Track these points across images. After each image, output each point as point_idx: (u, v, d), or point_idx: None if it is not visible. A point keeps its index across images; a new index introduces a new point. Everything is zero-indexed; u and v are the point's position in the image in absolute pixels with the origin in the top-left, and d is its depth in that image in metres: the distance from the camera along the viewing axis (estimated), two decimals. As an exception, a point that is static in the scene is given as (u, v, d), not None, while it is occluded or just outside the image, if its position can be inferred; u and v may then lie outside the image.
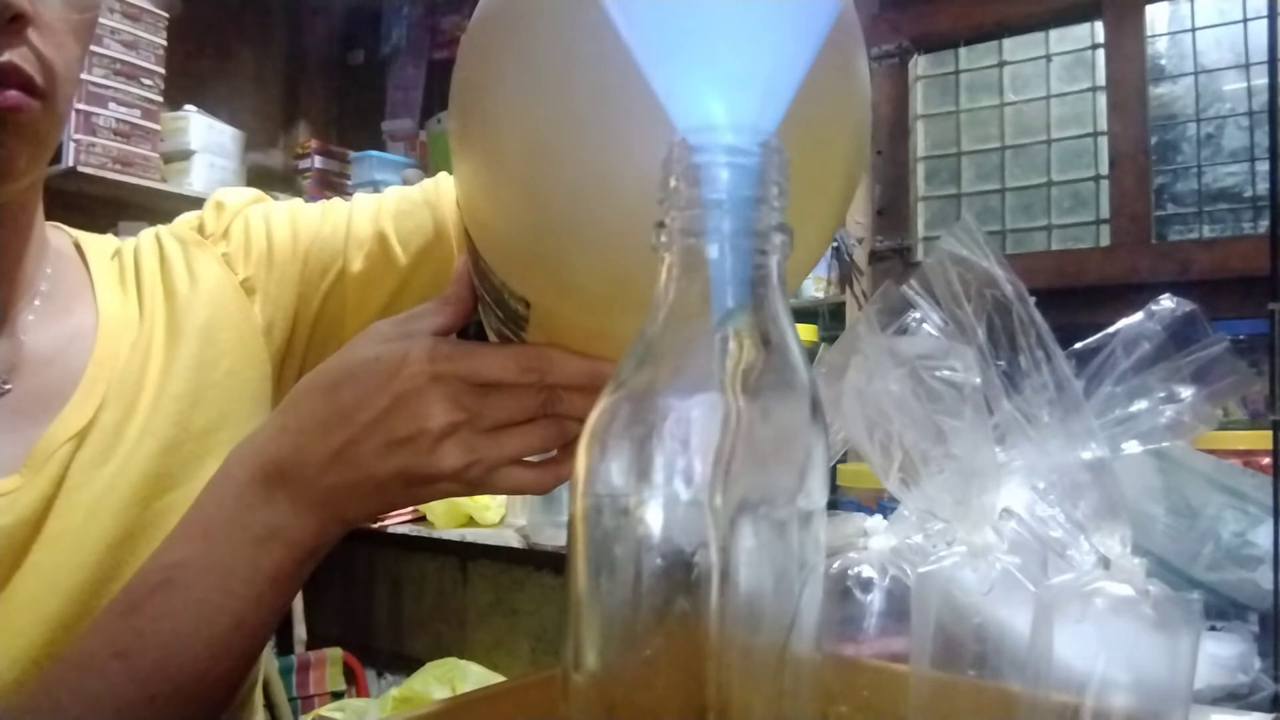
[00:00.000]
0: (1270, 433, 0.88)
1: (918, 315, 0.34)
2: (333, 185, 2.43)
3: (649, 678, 0.31)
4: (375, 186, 2.36)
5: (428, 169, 2.35)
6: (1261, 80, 1.60)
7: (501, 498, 2.10)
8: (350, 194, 2.78)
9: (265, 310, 0.58)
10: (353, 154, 2.44)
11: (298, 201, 0.63)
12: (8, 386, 0.49)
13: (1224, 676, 0.81)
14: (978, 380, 0.31)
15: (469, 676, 1.87)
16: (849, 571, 0.34)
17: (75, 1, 0.46)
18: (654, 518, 0.31)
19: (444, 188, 0.60)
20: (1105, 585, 0.28)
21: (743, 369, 0.33)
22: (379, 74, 2.61)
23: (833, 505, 0.35)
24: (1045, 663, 0.29)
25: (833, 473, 0.35)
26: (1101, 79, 1.76)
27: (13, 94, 0.43)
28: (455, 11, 2.55)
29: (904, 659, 0.33)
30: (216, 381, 0.54)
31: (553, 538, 1.89)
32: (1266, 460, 1.02)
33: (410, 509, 2.09)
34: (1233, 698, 0.79)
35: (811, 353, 1.65)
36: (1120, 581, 0.29)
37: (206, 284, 0.56)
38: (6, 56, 0.43)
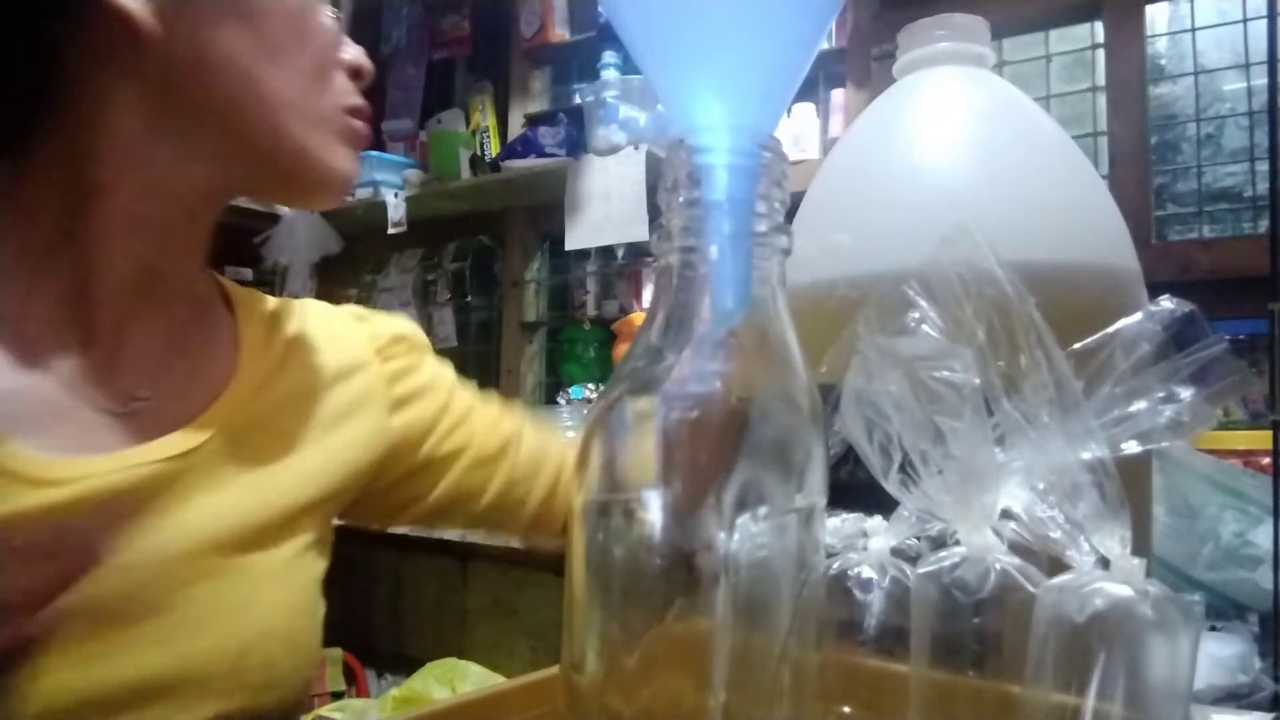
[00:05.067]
0: (1270, 433, 0.88)
1: (917, 315, 0.34)
2: (333, 185, 2.43)
3: (649, 678, 0.31)
4: (375, 186, 2.37)
5: (428, 169, 2.35)
6: (1261, 80, 1.60)
7: (501, 498, 2.10)
8: (351, 193, 2.76)
9: (397, 430, 0.65)
10: (352, 154, 2.44)
11: (442, 361, 0.72)
12: (146, 397, 0.52)
13: (1224, 676, 0.81)
14: (977, 381, 0.31)
15: (469, 676, 1.87)
16: (849, 571, 0.34)
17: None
18: (654, 518, 0.31)
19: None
20: (1105, 585, 0.29)
21: (742, 369, 0.33)
22: (379, 74, 2.61)
23: (833, 504, 0.35)
24: (1045, 663, 0.29)
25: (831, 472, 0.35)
26: (1101, 79, 1.76)
27: (367, 130, 0.59)
28: (455, 11, 2.55)
29: (904, 659, 0.33)
30: (331, 466, 0.60)
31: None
32: (1266, 460, 1.02)
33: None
34: (1233, 698, 0.79)
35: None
36: (1120, 582, 0.29)
37: (362, 384, 0.63)
38: (366, 104, 0.58)
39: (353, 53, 0.58)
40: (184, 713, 0.48)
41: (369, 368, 0.64)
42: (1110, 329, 0.33)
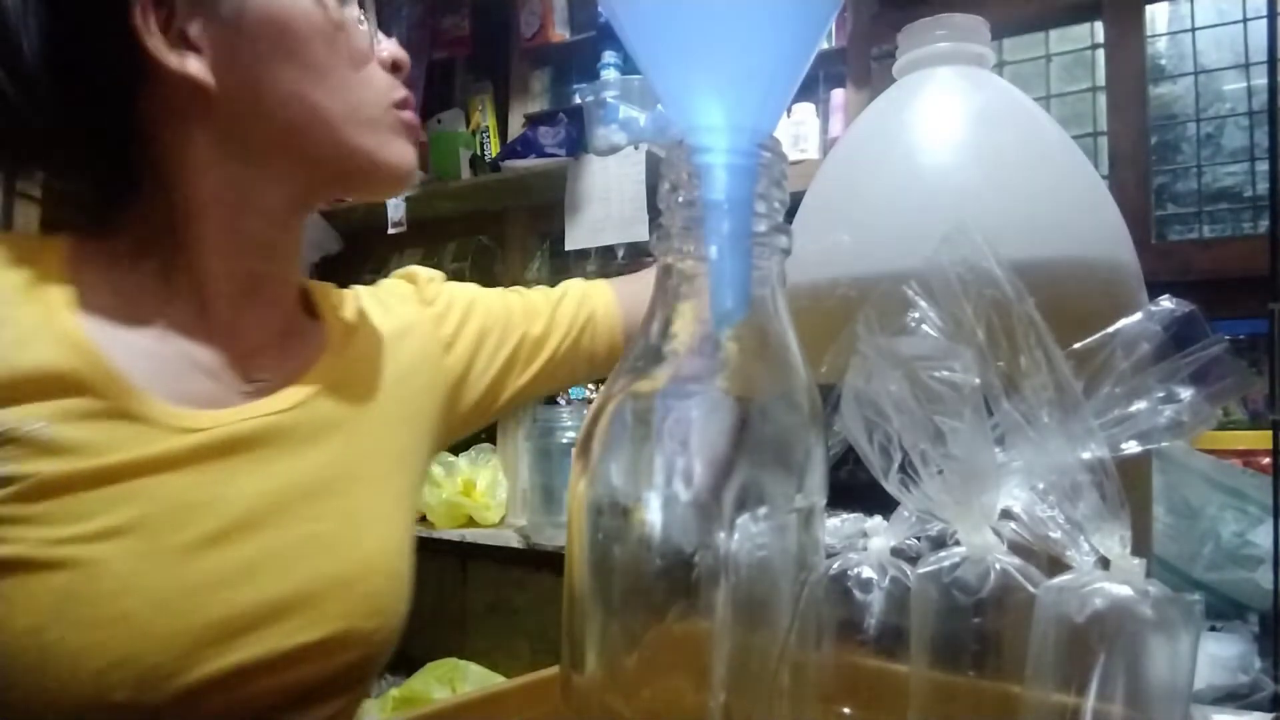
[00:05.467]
0: (1270, 433, 0.88)
1: (917, 315, 0.34)
2: (333, 185, 2.43)
3: (649, 678, 0.31)
4: (375, 186, 2.36)
5: (428, 169, 2.35)
6: (1261, 80, 1.60)
7: (501, 497, 2.10)
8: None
9: (454, 365, 0.75)
10: (353, 154, 2.44)
11: (465, 284, 0.83)
12: (266, 378, 0.62)
13: (1224, 676, 0.81)
14: (977, 381, 0.31)
15: (469, 676, 1.87)
16: (849, 571, 0.34)
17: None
18: (654, 518, 0.31)
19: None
20: (1105, 585, 0.29)
21: (742, 369, 0.33)
22: (379, 74, 2.61)
23: (833, 504, 0.35)
24: (1045, 663, 0.29)
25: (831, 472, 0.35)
26: (1101, 79, 1.76)
27: (416, 118, 0.64)
28: (455, 12, 2.55)
29: (904, 659, 0.33)
30: (410, 413, 0.70)
31: (553, 538, 1.89)
32: (1266, 460, 1.02)
33: (410, 509, 2.09)
34: (1233, 698, 0.79)
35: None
36: (1120, 582, 0.29)
37: (419, 337, 0.74)
38: (408, 93, 0.64)
39: (389, 48, 0.63)
40: (305, 632, 0.56)
41: (421, 322, 0.75)
42: (1110, 329, 0.33)
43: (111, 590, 0.50)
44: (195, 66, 0.55)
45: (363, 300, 0.74)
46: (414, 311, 0.75)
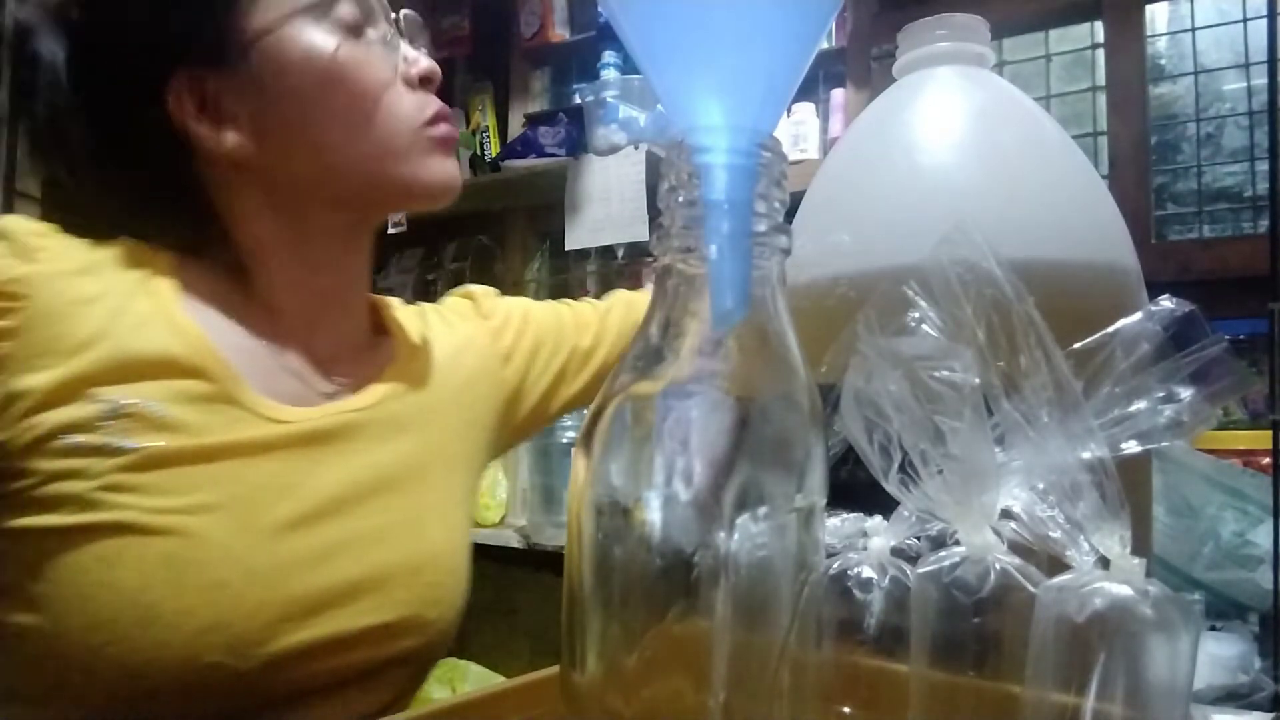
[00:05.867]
0: (1270, 433, 0.88)
1: (917, 315, 0.34)
2: (333, 185, 2.43)
3: (649, 678, 0.31)
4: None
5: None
6: (1261, 80, 1.60)
7: (501, 497, 2.10)
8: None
9: (510, 376, 0.80)
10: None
11: (518, 298, 0.89)
12: (345, 381, 0.67)
13: (1224, 676, 0.81)
14: (977, 381, 0.31)
15: (469, 676, 1.87)
16: (849, 571, 0.34)
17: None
18: (654, 518, 0.31)
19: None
20: (1105, 585, 0.29)
21: (742, 369, 0.33)
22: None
23: (833, 504, 0.35)
24: (1045, 663, 0.29)
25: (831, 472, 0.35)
26: (1101, 79, 1.76)
27: (451, 128, 0.67)
28: (455, 11, 2.55)
29: (904, 659, 0.33)
30: (470, 420, 0.75)
31: (553, 538, 1.89)
32: (1266, 460, 1.02)
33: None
34: (1233, 698, 0.79)
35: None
36: (1120, 581, 0.29)
37: (478, 350, 0.78)
38: (440, 105, 0.66)
39: (417, 63, 0.65)
40: (374, 614, 0.60)
41: (479, 335, 0.80)
42: (1110, 329, 0.33)
43: (210, 559, 0.54)
44: (232, 140, 0.61)
45: (427, 316, 0.79)
46: (473, 326, 0.80)
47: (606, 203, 1.97)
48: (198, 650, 0.52)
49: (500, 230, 2.44)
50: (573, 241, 2.03)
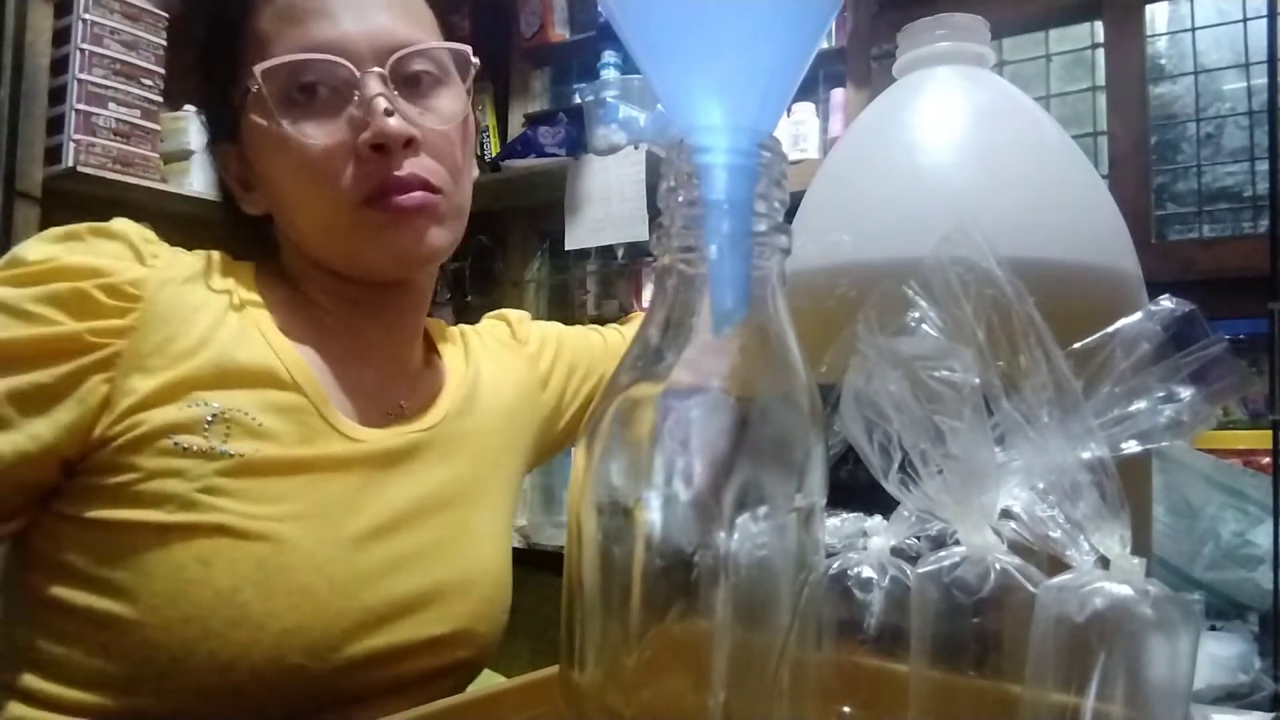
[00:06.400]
0: (1270, 433, 0.88)
1: (917, 315, 0.34)
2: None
3: (649, 678, 0.31)
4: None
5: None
6: (1261, 80, 1.60)
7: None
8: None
9: (548, 399, 0.83)
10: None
11: (550, 323, 0.91)
12: (405, 405, 0.69)
13: (1224, 676, 0.81)
14: (977, 380, 0.31)
15: (469, 676, 1.87)
16: (849, 571, 0.34)
17: (446, 118, 0.66)
18: (654, 518, 0.31)
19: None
20: (1105, 585, 0.28)
21: (742, 369, 0.33)
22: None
23: (833, 504, 0.35)
24: (1045, 663, 0.29)
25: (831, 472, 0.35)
26: (1101, 79, 1.76)
27: (419, 194, 0.63)
28: (455, 11, 2.54)
29: (904, 659, 0.33)
30: (514, 441, 0.77)
31: (553, 538, 1.89)
32: (1266, 460, 1.02)
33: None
34: (1233, 698, 0.79)
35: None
36: (1120, 582, 0.29)
37: (518, 374, 0.81)
38: (408, 169, 0.62)
39: (365, 132, 0.61)
40: (432, 626, 0.62)
41: (519, 360, 0.82)
42: (1110, 329, 0.33)
43: (297, 565, 0.56)
44: (250, 201, 0.68)
45: (469, 339, 0.81)
46: (512, 353, 0.83)
47: (606, 203, 1.97)
48: (282, 651, 0.54)
49: (500, 230, 2.44)
50: (573, 241, 2.03)
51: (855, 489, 0.36)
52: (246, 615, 0.54)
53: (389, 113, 0.61)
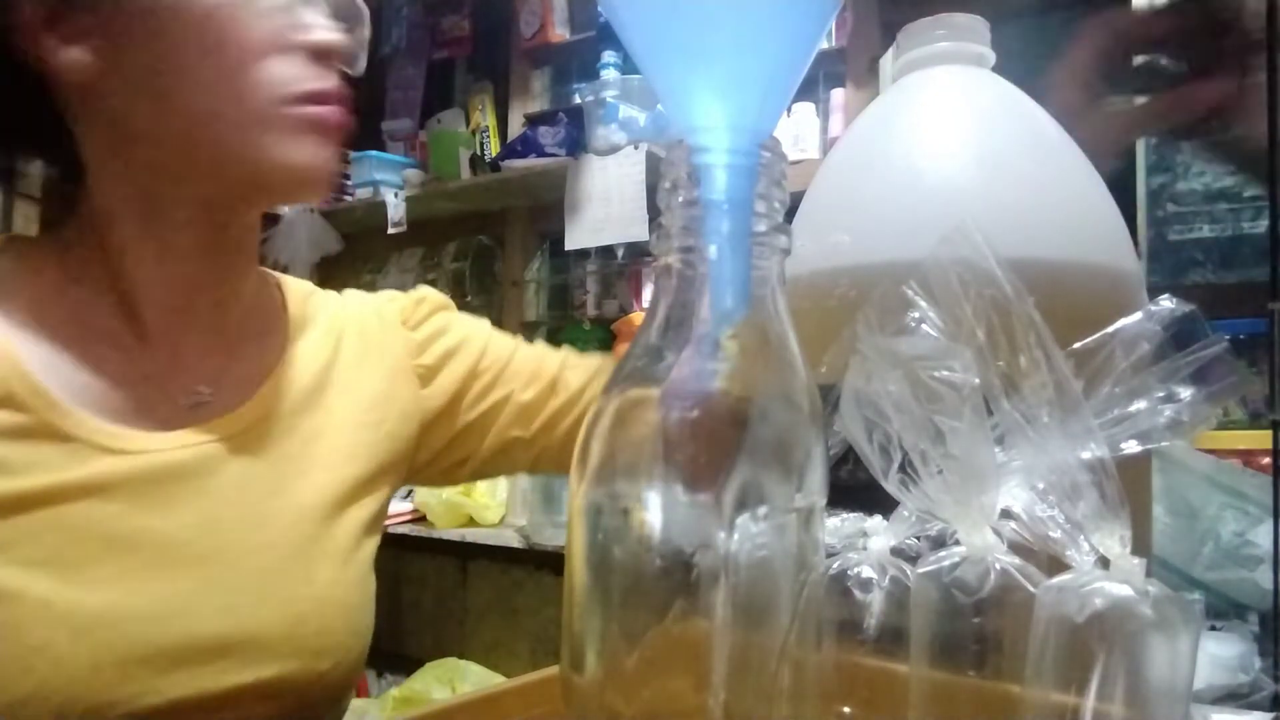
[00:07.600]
0: (1270, 433, 0.88)
1: (917, 315, 0.34)
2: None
3: (649, 678, 0.31)
4: (375, 186, 2.36)
5: (427, 169, 2.35)
6: (1261, 80, 1.60)
7: (501, 497, 2.10)
8: (351, 193, 2.74)
9: (430, 398, 0.69)
10: (353, 154, 2.44)
11: (476, 320, 0.77)
12: (208, 394, 0.57)
13: (1224, 676, 0.81)
14: (977, 381, 0.31)
15: (469, 676, 1.87)
16: (849, 571, 0.34)
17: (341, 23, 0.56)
18: (654, 518, 0.31)
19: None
20: (1105, 585, 0.29)
21: (742, 369, 0.33)
22: (379, 74, 2.61)
23: (833, 504, 0.35)
24: (1045, 663, 0.29)
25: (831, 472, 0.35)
26: (1101, 79, 1.76)
27: (341, 112, 0.55)
28: (455, 11, 2.55)
29: (904, 659, 0.33)
30: (374, 441, 0.64)
31: (553, 538, 1.89)
32: (1266, 460, 1.02)
33: (410, 509, 2.10)
34: (1233, 698, 0.79)
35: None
36: (1120, 582, 0.29)
37: (392, 360, 0.67)
38: (327, 85, 0.54)
39: (309, 34, 0.54)
40: (246, 670, 0.52)
41: (399, 345, 0.68)
42: (1110, 329, 0.33)
43: (29, 619, 0.46)
44: (74, 56, 0.51)
45: (349, 309, 0.68)
46: (392, 334, 0.69)
47: (606, 203, 1.97)
48: (37, 717, 0.46)
49: (500, 230, 2.44)
50: (573, 241, 2.03)
51: (855, 489, 0.36)
52: None
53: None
